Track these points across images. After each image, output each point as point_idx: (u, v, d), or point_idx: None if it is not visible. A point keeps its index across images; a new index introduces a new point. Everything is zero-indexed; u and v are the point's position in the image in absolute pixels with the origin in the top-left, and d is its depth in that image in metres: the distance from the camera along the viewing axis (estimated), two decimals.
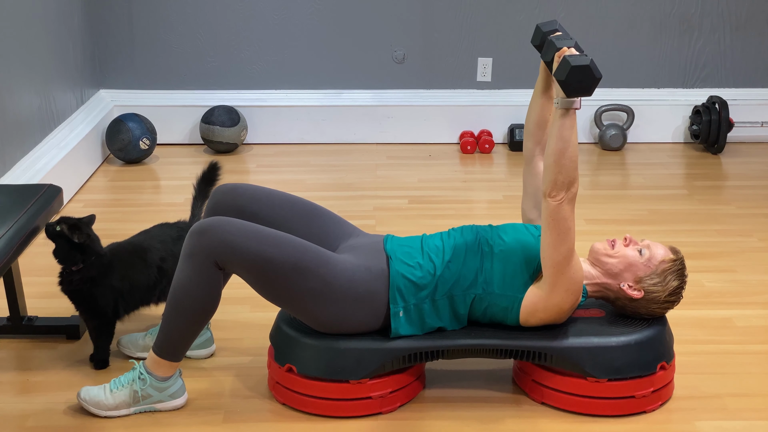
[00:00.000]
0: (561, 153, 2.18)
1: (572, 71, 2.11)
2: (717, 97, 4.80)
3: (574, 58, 2.12)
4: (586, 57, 2.13)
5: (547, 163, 2.21)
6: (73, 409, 2.43)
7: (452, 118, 4.99)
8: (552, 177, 2.20)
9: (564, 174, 2.19)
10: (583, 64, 2.11)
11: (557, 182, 2.20)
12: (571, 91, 2.14)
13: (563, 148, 2.18)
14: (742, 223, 3.86)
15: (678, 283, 2.39)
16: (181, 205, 4.08)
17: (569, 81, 2.13)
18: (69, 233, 2.51)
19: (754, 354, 2.76)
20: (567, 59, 2.13)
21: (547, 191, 2.22)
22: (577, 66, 2.11)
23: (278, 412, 2.44)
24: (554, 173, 2.20)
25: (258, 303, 2.60)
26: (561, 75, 2.14)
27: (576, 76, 2.12)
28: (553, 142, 2.20)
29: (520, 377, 2.53)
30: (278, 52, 4.91)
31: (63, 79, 4.33)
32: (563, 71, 2.13)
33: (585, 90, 2.14)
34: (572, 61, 2.12)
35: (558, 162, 2.19)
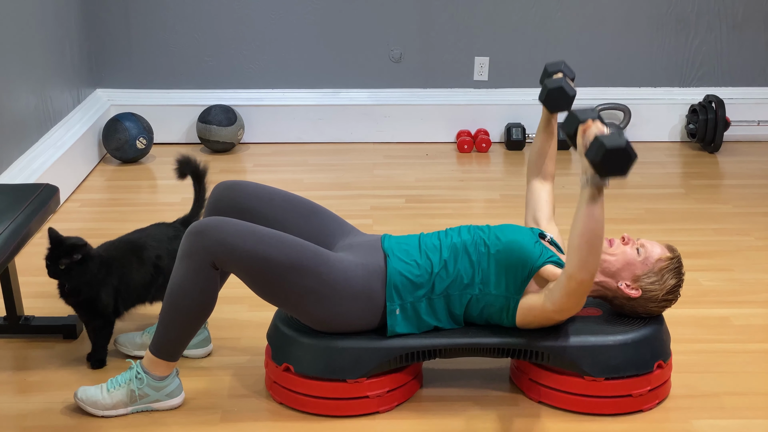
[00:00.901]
0: (592, 232, 2.08)
1: (608, 154, 1.97)
2: (713, 96, 4.80)
3: (608, 139, 1.98)
4: (620, 136, 1.98)
5: (574, 243, 2.11)
6: (71, 409, 2.42)
7: (449, 117, 4.99)
8: (581, 258, 2.10)
9: (594, 255, 2.10)
10: (619, 146, 1.97)
11: (587, 264, 2.11)
12: (606, 173, 2.01)
13: (595, 228, 2.07)
14: (739, 222, 3.87)
15: (675, 282, 2.40)
16: (178, 205, 4.08)
17: (604, 164, 1.99)
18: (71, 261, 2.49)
19: (751, 353, 2.76)
20: (601, 141, 1.98)
21: (572, 272, 2.13)
22: (614, 149, 1.97)
23: (275, 412, 2.43)
24: (584, 254, 2.10)
25: (255, 302, 2.60)
26: (594, 157, 2.00)
27: (611, 158, 1.98)
28: (582, 222, 2.08)
29: (517, 376, 2.53)
30: (275, 52, 4.91)
31: (60, 79, 4.33)
32: (597, 153, 1.99)
33: (620, 171, 2.00)
34: (607, 143, 1.97)
35: (589, 242, 2.09)
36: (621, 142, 1.98)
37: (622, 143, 1.98)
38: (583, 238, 2.09)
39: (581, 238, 2.10)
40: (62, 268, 2.49)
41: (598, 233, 2.09)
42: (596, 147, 2.00)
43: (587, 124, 2.10)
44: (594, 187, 2.06)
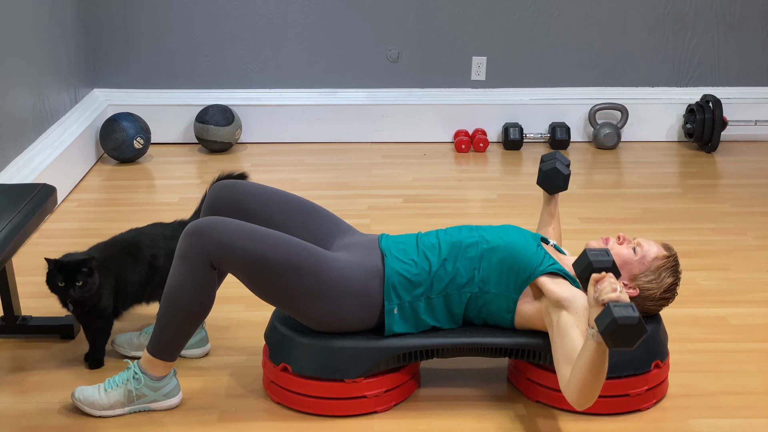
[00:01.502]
0: (594, 381, 2.08)
1: (618, 330, 1.93)
2: (711, 96, 4.80)
3: (620, 311, 1.93)
4: (632, 310, 1.93)
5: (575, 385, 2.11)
6: (68, 409, 2.42)
7: (447, 117, 4.99)
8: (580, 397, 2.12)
9: (593, 395, 2.11)
10: (630, 322, 1.91)
11: (586, 401, 2.13)
12: (613, 345, 1.96)
13: (597, 378, 2.07)
14: (736, 222, 3.87)
15: (672, 280, 2.39)
16: (175, 205, 4.08)
17: (613, 338, 1.94)
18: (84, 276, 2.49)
19: (749, 352, 2.77)
20: (612, 313, 1.93)
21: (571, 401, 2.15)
22: (625, 325, 1.92)
23: (273, 412, 2.43)
24: (585, 395, 2.11)
25: (253, 302, 2.59)
26: (605, 329, 1.95)
27: (621, 333, 1.93)
28: (584, 371, 2.07)
29: (514, 376, 2.53)
30: (272, 51, 4.91)
31: (57, 78, 4.32)
32: (608, 327, 1.94)
33: (628, 345, 1.95)
34: (619, 318, 1.92)
35: (591, 388, 2.09)
36: (633, 319, 1.92)
37: (634, 320, 1.92)
38: (585, 383, 2.08)
39: (584, 383, 2.09)
40: (79, 285, 2.48)
41: (600, 380, 2.08)
42: (608, 320, 1.94)
43: (601, 277, 2.06)
44: (600, 345, 2.03)
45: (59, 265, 2.48)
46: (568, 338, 2.19)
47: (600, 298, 2.02)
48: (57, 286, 2.48)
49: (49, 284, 2.51)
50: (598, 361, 2.05)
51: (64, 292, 2.49)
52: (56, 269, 2.48)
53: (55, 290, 2.51)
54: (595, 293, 2.05)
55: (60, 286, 2.48)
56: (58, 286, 2.48)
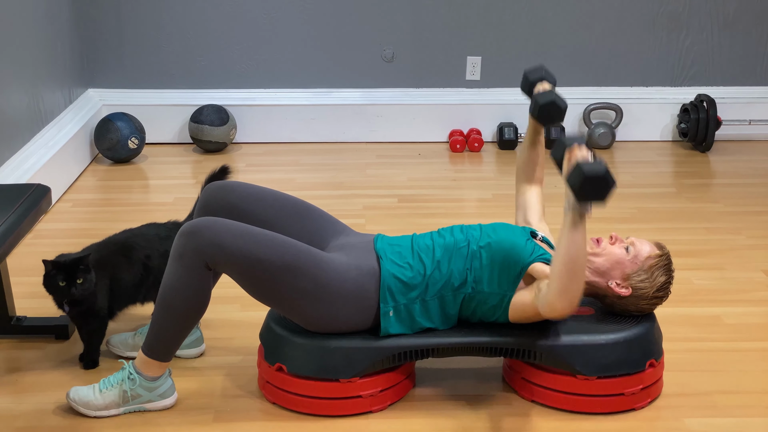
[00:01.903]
0: (573, 260, 2.08)
1: (586, 181, 2.01)
2: (705, 96, 4.81)
3: (588, 167, 2.01)
4: (600, 164, 2.02)
5: (556, 270, 2.11)
6: (63, 410, 2.42)
7: (441, 117, 5.00)
8: (561, 285, 2.10)
9: (575, 283, 2.10)
10: (597, 174, 2.01)
11: (568, 291, 2.10)
12: (585, 199, 2.04)
13: (575, 255, 2.07)
14: (730, 221, 3.88)
15: (665, 279, 2.40)
16: (170, 205, 4.08)
17: (583, 190, 2.02)
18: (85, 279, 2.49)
19: (743, 351, 2.77)
20: (581, 167, 2.02)
21: (553, 299, 2.13)
22: (592, 176, 2.01)
23: (268, 412, 2.43)
24: (565, 281, 2.09)
25: (248, 302, 2.59)
26: (574, 183, 2.04)
27: (590, 185, 2.02)
28: (564, 248, 2.08)
29: (509, 375, 2.53)
30: (267, 51, 4.91)
31: (51, 78, 4.32)
32: (576, 179, 2.03)
33: (599, 198, 2.04)
34: (586, 171, 2.01)
35: (571, 271, 2.08)
36: (600, 169, 2.01)
37: (601, 170, 2.01)
38: (564, 265, 2.09)
39: (562, 265, 2.09)
40: (80, 282, 2.47)
41: (579, 261, 2.08)
42: (576, 173, 2.03)
43: (572, 150, 2.11)
44: (576, 213, 2.07)
45: (58, 265, 2.47)
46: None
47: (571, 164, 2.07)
48: (57, 286, 2.47)
49: (47, 286, 2.50)
50: (575, 233, 2.06)
51: (65, 292, 2.48)
52: (56, 269, 2.47)
53: (54, 291, 2.50)
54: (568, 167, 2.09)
55: (61, 285, 2.47)
56: (58, 287, 2.47)
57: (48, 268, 2.49)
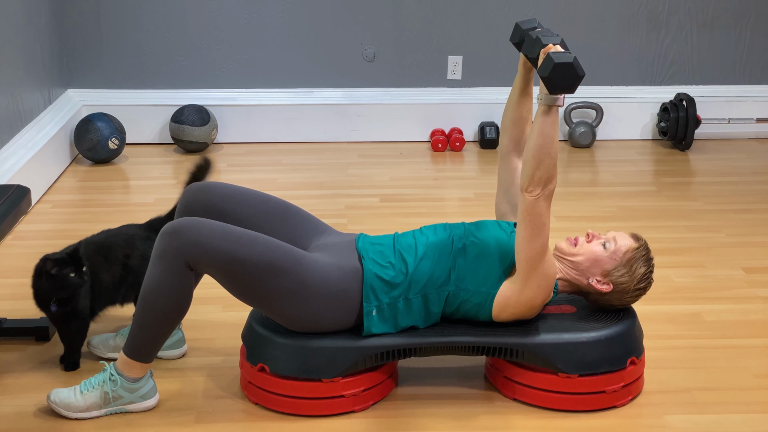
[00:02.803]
0: (541, 149, 2.19)
1: (555, 68, 2.13)
2: (684, 95, 4.84)
3: (557, 56, 2.14)
4: (569, 54, 2.14)
5: (527, 158, 2.22)
6: (43, 412, 2.41)
7: (423, 117, 5.00)
8: (530, 172, 2.21)
9: (543, 170, 2.20)
10: (566, 61, 2.13)
11: (535, 177, 2.20)
12: (554, 88, 2.16)
13: (544, 144, 2.19)
14: (710, 219, 3.90)
15: (645, 269, 2.41)
16: (151, 205, 4.06)
17: (552, 78, 2.14)
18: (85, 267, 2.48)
19: (723, 348, 2.79)
20: (551, 56, 2.14)
21: (524, 186, 2.23)
22: (561, 63, 2.13)
23: (251, 412, 2.43)
24: (533, 168, 2.20)
25: (230, 302, 2.59)
26: (544, 72, 2.15)
27: (559, 73, 2.13)
28: (534, 137, 2.20)
29: (492, 374, 2.54)
30: (248, 51, 4.89)
31: (30, 79, 4.29)
32: (546, 68, 2.14)
33: (568, 87, 2.16)
34: (555, 59, 2.13)
35: (537, 158, 2.19)
36: (568, 58, 2.13)
37: (570, 59, 2.13)
38: (534, 152, 2.19)
39: (531, 153, 2.20)
40: (84, 270, 2.46)
41: (548, 150, 2.19)
42: (546, 63, 2.15)
43: (548, 48, 2.20)
44: (546, 105, 2.18)
45: (67, 259, 2.45)
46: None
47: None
48: (68, 278, 2.45)
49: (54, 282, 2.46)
50: (545, 120, 2.18)
51: (76, 283, 2.46)
52: (66, 263, 2.45)
53: (50, 288, 2.47)
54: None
55: (71, 276, 2.45)
56: (68, 279, 2.45)
57: (48, 266, 2.45)
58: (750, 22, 4.98)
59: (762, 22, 4.98)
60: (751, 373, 2.64)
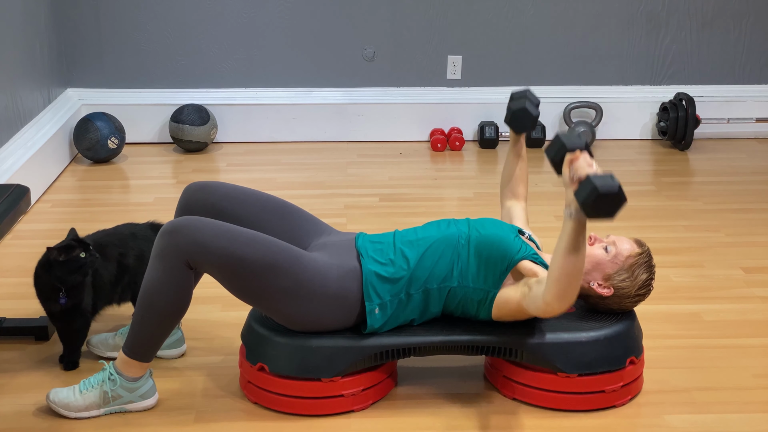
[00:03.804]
0: (573, 267, 2.06)
1: (600, 198, 1.92)
2: (684, 94, 4.84)
3: (600, 181, 1.92)
4: (613, 180, 1.92)
5: (554, 275, 2.09)
6: (43, 411, 2.41)
7: (422, 116, 5.00)
8: (560, 289, 2.09)
9: (574, 287, 2.09)
10: (611, 191, 1.91)
11: (566, 295, 2.10)
12: (593, 215, 1.96)
13: (576, 262, 2.05)
14: (709, 219, 3.90)
15: (647, 276, 2.41)
16: (150, 205, 4.06)
17: (595, 207, 1.94)
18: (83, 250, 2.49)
19: (722, 348, 2.79)
20: (594, 184, 1.92)
21: (550, 301, 2.12)
22: (607, 194, 1.91)
23: (250, 412, 2.43)
24: (563, 286, 2.08)
25: (229, 302, 2.59)
26: (586, 199, 1.94)
27: (603, 202, 1.93)
28: (563, 255, 2.05)
29: (491, 373, 2.54)
30: (248, 51, 4.89)
31: (30, 78, 4.29)
32: (588, 196, 1.93)
33: (608, 214, 1.95)
34: (600, 188, 1.91)
35: (570, 275, 2.07)
36: (614, 186, 1.92)
37: (615, 188, 1.92)
38: (563, 271, 2.07)
39: (561, 271, 2.07)
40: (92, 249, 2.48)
41: (579, 267, 2.06)
42: (588, 189, 1.93)
43: (575, 156, 2.05)
44: (578, 223, 2.03)
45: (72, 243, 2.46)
46: (541, 274, 2.26)
47: (576, 175, 2.01)
48: (79, 258, 2.45)
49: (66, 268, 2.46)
50: (576, 240, 2.03)
51: (90, 261, 2.47)
52: (72, 247, 2.45)
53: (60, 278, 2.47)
54: (571, 172, 2.03)
55: (82, 257, 2.46)
56: (80, 259, 2.45)
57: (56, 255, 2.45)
58: (749, 21, 4.98)
59: (761, 22, 4.99)
60: (750, 372, 2.64)
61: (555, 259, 2.09)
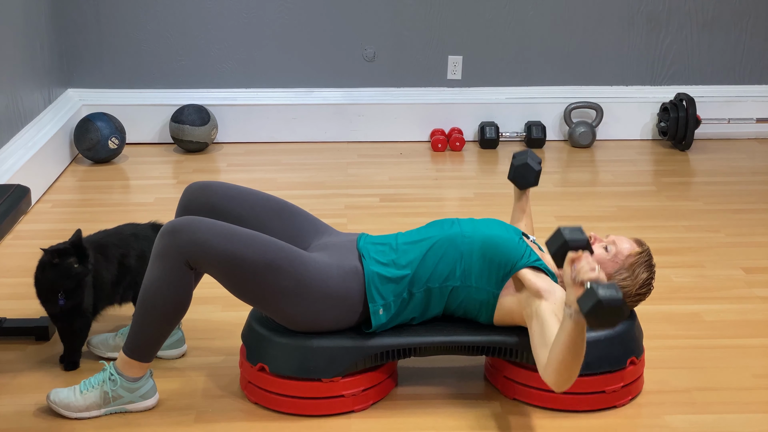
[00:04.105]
0: (573, 360, 2.07)
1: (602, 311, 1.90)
2: (684, 94, 4.84)
3: (604, 292, 1.90)
4: (615, 291, 1.90)
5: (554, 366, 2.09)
6: (43, 411, 2.41)
7: (423, 116, 5.00)
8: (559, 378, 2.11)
9: (574, 374, 2.10)
10: (615, 304, 1.89)
11: (566, 381, 2.11)
12: (593, 324, 1.94)
13: (575, 357, 2.06)
14: (709, 219, 3.90)
15: (647, 275, 2.41)
16: (151, 205, 4.06)
17: (596, 317, 1.92)
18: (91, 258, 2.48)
19: (722, 348, 2.79)
20: (597, 295, 1.90)
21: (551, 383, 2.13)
22: (609, 306, 1.89)
23: (250, 412, 2.43)
24: (564, 375, 2.10)
25: (229, 302, 2.59)
26: (588, 311, 1.92)
27: (605, 314, 1.91)
28: (563, 350, 2.05)
29: (492, 374, 2.54)
30: (248, 51, 4.90)
31: (30, 78, 4.29)
32: (591, 307, 1.92)
33: (610, 324, 1.93)
34: (604, 300, 1.89)
35: (569, 368, 2.08)
36: (617, 300, 1.90)
37: (618, 302, 1.90)
38: (564, 364, 2.07)
39: (562, 365, 2.08)
40: (90, 260, 2.46)
41: (578, 360, 2.07)
42: (593, 301, 1.92)
43: (578, 256, 2.04)
44: (578, 324, 2.01)
45: (69, 249, 2.44)
46: (546, 324, 2.20)
47: (579, 278, 2.00)
48: (72, 268, 2.44)
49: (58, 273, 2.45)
50: (576, 340, 2.03)
51: (81, 273, 2.45)
52: (68, 252, 2.44)
53: (57, 281, 2.46)
54: (573, 273, 2.03)
55: (75, 267, 2.45)
56: (72, 269, 2.44)
57: (49, 257, 2.44)
58: (750, 22, 4.98)
59: (762, 22, 4.98)
60: (750, 373, 2.64)
61: (554, 353, 2.09)
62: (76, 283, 2.48)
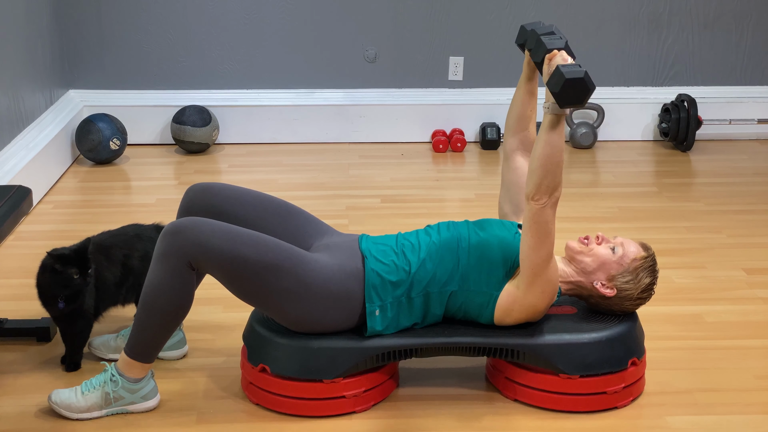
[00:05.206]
0: (549, 158, 2.18)
1: (566, 84, 2.09)
2: (686, 95, 4.84)
3: (568, 70, 2.09)
4: (579, 68, 2.10)
5: (533, 167, 2.21)
6: (44, 412, 2.41)
7: (424, 117, 5.00)
8: (537, 180, 2.20)
9: (549, 178, 2.19)
10: (577, 77, 2.09)
11: (542, 186, 2.19)
12: (564, 102, 2.13)
13: (552, 153, 2.18)
14: (710, 220, 3.90)
15: (650, 280, 2.41)
16: (152, 206, 4.06)
17: (562, 93, 2.11)
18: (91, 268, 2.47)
19: (724, 349, 2.79)
20: (561, 71, 2.10)
21: (530, 194, 2.21)
22: (572, 79, 2.09)
23: (252, 413, 2.43)
24: (539, 177, 2.19)
25: (231, 303, 2.59)
26: (554, 87, 2.12)
27: (569, 88, 2.10)
28: (541, 147, 2.19)
29: (493, 375, 2.54)
30: (249, 52, 4.90)
31: (32, 79, 4.29)
32: (556, 83, 2.11)
33: (578, 101, 2.13)
34: (566, 74, 2.09)
35: (544, 166, 2.18)
36: (579, 73, 2.09)
37: (581, 74, 2.09)
38: (540, 162, 2.19)
39: (538, 162, 2.19)
40: (90, 271, 2.46)
41: (556, 159, 2.18)
42: (556, 77, 2.11)
43: (553, 54, 2.19)
44: (554, 115, 2.17)
45: (72, 257, 2.43)
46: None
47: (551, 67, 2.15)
48: (71, 279, 2.44)
49: (51, 280, 2.45)
50: (553, 134, 2.17)
51: (72, 284, 2.45)
52: (70, 261, 2.43)
53: (57, 285, 2.46)
54: (548, 69, 2.17)
55: (75, 278, 2.45)
56: (72, 279, 2.44)
57: (52, 262, 2.44)
58: (751, 22, 4.98)
59: (763, 23, 4.98)
60: (752, 374, 2.64)
61: (534, 152, 2.21)
62: (74, 292, 2.49)
